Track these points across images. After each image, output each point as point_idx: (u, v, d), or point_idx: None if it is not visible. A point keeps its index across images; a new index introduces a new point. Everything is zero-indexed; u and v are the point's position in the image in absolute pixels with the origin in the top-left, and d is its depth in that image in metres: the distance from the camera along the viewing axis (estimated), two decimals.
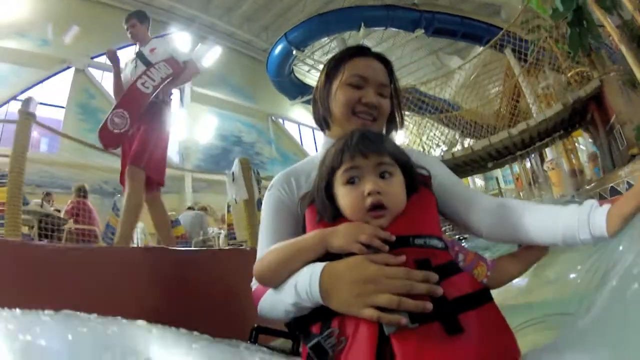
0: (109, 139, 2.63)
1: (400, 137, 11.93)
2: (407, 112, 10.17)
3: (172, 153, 12.27)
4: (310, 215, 0.89)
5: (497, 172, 13.07)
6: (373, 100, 1.04)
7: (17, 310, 0.47)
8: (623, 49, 3.82)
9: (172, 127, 2.95)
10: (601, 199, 4.27)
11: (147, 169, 2.65)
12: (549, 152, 8.29)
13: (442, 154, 9.78)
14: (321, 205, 0.86)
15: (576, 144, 8.61)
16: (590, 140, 7.28)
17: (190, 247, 5.05)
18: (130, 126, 2.66)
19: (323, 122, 1.14)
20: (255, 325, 0.90)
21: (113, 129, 2.60)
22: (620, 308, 0.55)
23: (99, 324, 0.49)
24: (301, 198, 0.96)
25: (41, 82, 11.46)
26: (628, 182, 4.30)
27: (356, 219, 0.80)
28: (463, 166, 9.19)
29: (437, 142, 12.39)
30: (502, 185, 12.73)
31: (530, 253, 0.90)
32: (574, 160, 6.65)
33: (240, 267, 1.16)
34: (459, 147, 11.60)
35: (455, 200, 0.99)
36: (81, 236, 4.83)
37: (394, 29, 12.31)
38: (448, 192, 0.99)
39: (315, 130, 16.01)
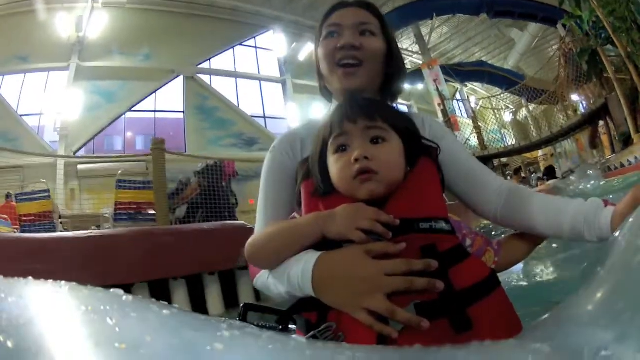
0: None
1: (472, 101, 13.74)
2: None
3: None
4: (305, 190, 0.82)
5: None
6: (350, 40, 0.91)
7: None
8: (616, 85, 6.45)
9: None
10: (605, 172, 6.56)
11: None
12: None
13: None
14: (315, 178, 0.79)
15: None
16: None
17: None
18: None
19: (325, 91, 1.04)
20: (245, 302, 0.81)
21: None
22: (622, 279, 0.53)
23: (71, 288, 0.46)
24: (297, 169, 0.88)
25: (154, 92, 12.98)
26: (614, 165, 6.55)
27: (345, 188, 0.74)
28: (525, 149, 12.13)
29: (506, 104, 14.11)
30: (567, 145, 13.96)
31: (535, 234, 0.86)
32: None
33: None
34: (524, 111, 13.40)
35: (466, 179, 0.91)
36: None
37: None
38: (460, 170, 0.90)
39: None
